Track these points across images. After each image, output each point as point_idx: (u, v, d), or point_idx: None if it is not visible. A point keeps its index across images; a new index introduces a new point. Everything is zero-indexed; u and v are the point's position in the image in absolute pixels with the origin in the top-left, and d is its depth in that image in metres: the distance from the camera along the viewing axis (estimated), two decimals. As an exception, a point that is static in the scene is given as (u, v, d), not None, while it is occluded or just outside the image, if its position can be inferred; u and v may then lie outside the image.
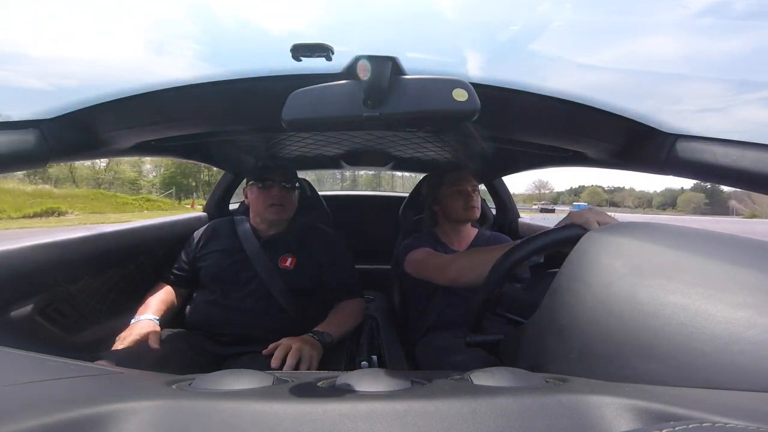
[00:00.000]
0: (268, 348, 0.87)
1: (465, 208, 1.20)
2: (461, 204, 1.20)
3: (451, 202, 1.22)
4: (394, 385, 0.29)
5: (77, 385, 0.31)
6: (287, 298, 1.08)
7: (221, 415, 0.24)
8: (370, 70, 0.47)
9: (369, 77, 0.47)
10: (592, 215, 0.67)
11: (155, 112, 0.78)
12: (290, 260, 1.14)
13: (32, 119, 0.68)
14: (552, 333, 0.45)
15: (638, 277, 0.37)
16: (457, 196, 1.21)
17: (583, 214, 0.67)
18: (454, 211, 1.22)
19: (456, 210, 1.21)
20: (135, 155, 0.99)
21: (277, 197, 1.13)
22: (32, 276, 0.90)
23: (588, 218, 0.66)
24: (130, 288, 1.21)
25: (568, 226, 0.66)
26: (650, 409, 0.24)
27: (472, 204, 1.20)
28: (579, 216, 0.68)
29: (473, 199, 1.21)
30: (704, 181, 0.72)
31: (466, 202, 1.20)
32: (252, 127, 0.95)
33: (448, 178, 1.25)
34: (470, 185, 1.22)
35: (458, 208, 1.21)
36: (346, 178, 14.56)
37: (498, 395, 0.26)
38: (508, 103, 0.72)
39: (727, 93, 0.73)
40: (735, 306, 0.30)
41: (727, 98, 0.72)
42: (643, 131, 0.74)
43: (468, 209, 1.20)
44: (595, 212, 0.68)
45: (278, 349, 0.84)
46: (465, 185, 1.21)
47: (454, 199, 1.21)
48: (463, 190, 1.21)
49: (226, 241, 1.16)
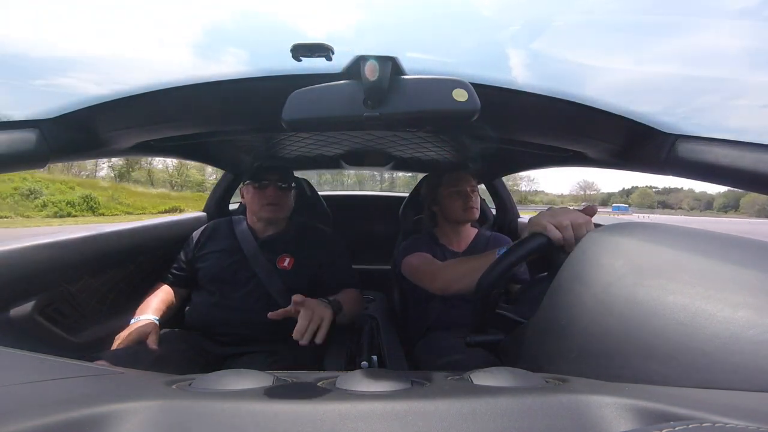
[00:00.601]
0: (277, 312, 0.82)
1: (464, 208, 1.19)
2: (460, 204, 1.20)
3: (450, 202, 1.21)
4: (394, 386, 0.29)
5: (77, 385, 0.31)
6: (286, 299, 1.08)
7: (221, 415, 0.24)
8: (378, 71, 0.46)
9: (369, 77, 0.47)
10: (547, 219, 0.63)
11: (155, 112, 0.78)
12: (288, 260, 1.14)
13: (32, 119, 0.68)
14: (552, 333, 0.45)
15: (638, 277, 0.37)
16: (455, 197, 1.20)
17: (539, 221, 0.64)
18: (452, 211, 1.21)
19: (454, 211, 1.21)
20: (135, 155, 0.99)
21: (272, 197, 1.13)
22: (32, 276, 0.90)
23: (544, 225, 0.62)
24: (130, 288, 1.21)
25: (530, 237, 0.64)
26: (650, 409, 0.24)
27: (471, 205, 1.20)
28: (536, 224, 0.64)
29: (472, 200, 1.20)
30: (704, 181, 0.72)
31: (464, 202, 1.19)
32: (252, 127, 0.95)
33: (446, 178, 1.24)
34: (469, 186, 1.22)
35: (457, 209, 1.20)
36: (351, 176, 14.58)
37: (498, 395, 0.26)
38: (508, 103, 0.72)
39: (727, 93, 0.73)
40: (735, 306, 0.30)
41: (727, 98, 0.72)
42: (643, 131, 0.74)
43: (466, 210, 1.19)
44: (551, 215, 0.64)
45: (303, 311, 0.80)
46: (464, 186, 1.21)
47: (453, 200, 1.21)
48: (461, 190, 1.20)
49: (225, 242, 1.16)
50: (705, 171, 0.68)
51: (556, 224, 0.62)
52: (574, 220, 0.62)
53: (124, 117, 0.77)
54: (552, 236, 0.61)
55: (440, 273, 0.97)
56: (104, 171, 33.22)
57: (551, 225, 0.62)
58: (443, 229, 1.29)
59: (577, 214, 0.64)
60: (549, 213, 0.65)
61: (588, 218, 0.64)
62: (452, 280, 0.91)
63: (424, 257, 1.12)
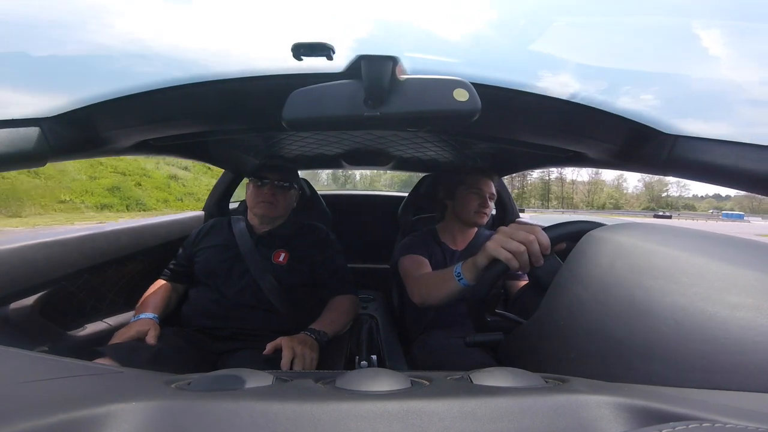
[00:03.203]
0: (267, 349, 0.87)
1: (477, 210, 1.20)
2: (475, 206, 1.20)
3: (467, 201, 1.21)
4: (393, 385, 0.29)
5: (76, 385, 0.31)
6: (278, 295, 1.09)
7: (220, 415, 0.24)
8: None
9: (369, 77, 0.47)
10: (495, 244, 0.63)
11: (155, 111, 0.78)
12: (284, 255, 1.15)
13: (33, 117, 0.68)
14: (551, 333, 0.45)
15: (638, 278, 0.37)
16: (474, 197, 1.20)
17: (493, 250, 0.63)
18: (466, 210, 1.21)
19: (468, 210, 1.21)
20: (135, 154, 0.99)
21: (268, 194, 1.14)
22: (32, 274, 0.90)
23: (494, 250, 0.62)
24: (129, 286, 1.21)
25: (490, 265, 0.64)
26: (650, 409, 0.24)
27: (484, 210, 1.20)
28: (491, 251, 0.63)
29: (487, 205, 1.21)
30: (705, 182, 0.72)
31: (480, 204, 1.20)
32: (252, 127, 0.95)
33: (470, 178, 1.24)
34: (489, 192, 1.22)
35: (471, 209, 1.20)
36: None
37: (498, 395, 0.26)
38: (509, 103, 0.72)
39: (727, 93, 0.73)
40: (734, 307, 0.30)
41: (727, 98, 0.72)
42: (643, 131, 0.74)
43: (479, 213, 1.20)
44: (504, 239, 0.62)
45: (285, 350, 0.86)
46: (485, 189, 1.21)
47: (471, 199, 1.21)
48: (482, 193, 1.21)
49: (222, 238, 1.17)
50: (705, 171, 0.68)
51: (511, 250, 0.61)
52: (525, 239, 0.61)
53: (124, 116, 0.77)
54: (511, 266, 0.61)
55: (416, 287, 0.99)
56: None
57: (506, 253, 0.61)
58: (448, 225, 1.28)
59: (525, 234, 0.62)
60: (501, 237, 0.64)
61: (537, 229, 0.62)
62: (425, 295, 0.92)
63: (415, 262, 1.12)
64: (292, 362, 0.84)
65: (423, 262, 1.13)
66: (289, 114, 0.50)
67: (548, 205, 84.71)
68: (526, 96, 0.70)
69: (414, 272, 1.07)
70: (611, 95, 0.71)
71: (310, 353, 0.88)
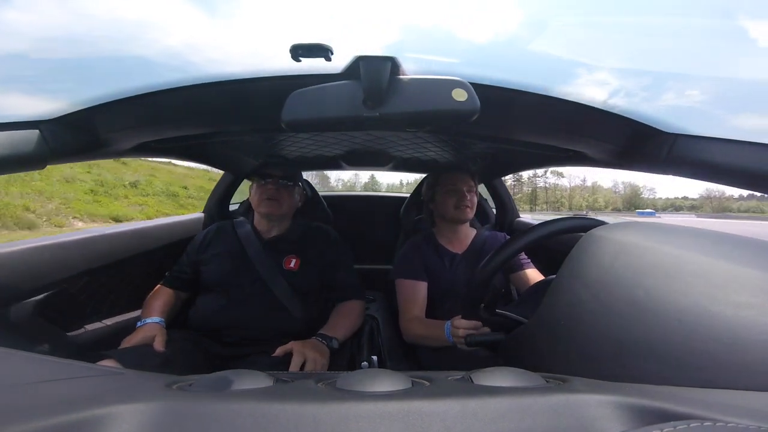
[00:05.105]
0: (276, 351, 0.88)
1: (456, 207, 1.19)
2: (453, 203, 1.20)
3: (444, 200, 1.22)
4: (394, 386, 0.29)
5: (77, 386, 0.31)
6: (291, 300, 1.08)
7: (221, 416, 0.24)
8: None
9: (367, 78, 0.47)
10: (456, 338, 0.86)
11: (155, 113, 0.78)
12: (295, 261, 1.14)
13: (32, 120, 0.68)
14: (552, 333, 0.45)
15: (638, 277, 0.36)
16: (450, 195, 1.21)
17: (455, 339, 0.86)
18: (445, 209, 1.22)
19: (447, 209, 1.21)
20: (135, 156, 0.99)
21: (272, 192, 1.12)
22: (33, 277, 0.90)
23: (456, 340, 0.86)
24: (130, 289, 1.21)
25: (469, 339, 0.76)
26: (650, 409, 0.24)
27: (464, 204, 1.19)
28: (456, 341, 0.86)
29: (466, 199, 1.20)
30: (705, 180, 0.72)
31: (458, 201, 1.19)
32: (252, 128, 0.95)
33: (444, 177, 1.25)
34: (465, 185, 1.22)
35: (449, 207, 1.20)
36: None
37: (498, 395, 0.26)
38: (508, 103, 0.72)
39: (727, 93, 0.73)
40: (737, 306, 0.30)
41: (727, 98, 0.72)
42: (643, 131, 0.74)
43: (458, 208, 1.19)
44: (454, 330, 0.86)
45: (295, 355, 0.87)
46: (460, 185, 1.21)
47: (447, 198, 1.21)
48: (457, 189, 1.20)
49: (228, 245, 1.15)
50: (705, 170, 0.68)
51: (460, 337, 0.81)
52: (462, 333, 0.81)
53: (123, 118, 0.77)
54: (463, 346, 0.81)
55: (409, 327, 1.08)
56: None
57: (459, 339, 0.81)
58: (441, 228, 1.29)
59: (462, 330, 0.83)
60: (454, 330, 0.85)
61: (461, 324, 0.84)
62: (415, 336, 1.06)
63: (410, 289, 1.15)
64: (302, 367, 0.85)
65: (418, 288, 1.15)
66: (289, 115, 0.50)
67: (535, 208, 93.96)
68: (525, 96, 0.70)
69: (409, 303, 1.13)
70: (611, 95, 0.71)
71: (321, 359, 0.88)
